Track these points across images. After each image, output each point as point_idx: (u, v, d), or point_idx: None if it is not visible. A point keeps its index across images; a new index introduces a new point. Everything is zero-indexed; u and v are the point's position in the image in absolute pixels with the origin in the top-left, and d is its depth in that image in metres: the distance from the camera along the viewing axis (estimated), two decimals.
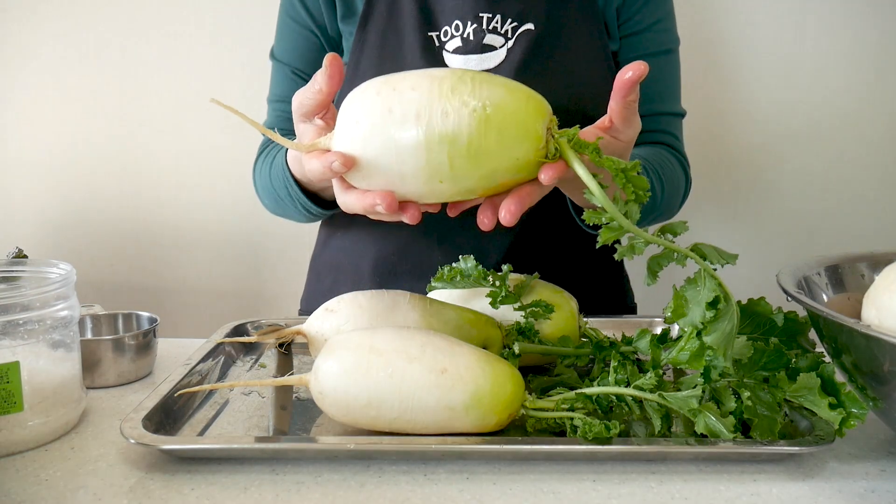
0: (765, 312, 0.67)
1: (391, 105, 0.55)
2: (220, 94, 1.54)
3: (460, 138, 0.54)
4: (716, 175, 1.50)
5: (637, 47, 1.00)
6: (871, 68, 1.46)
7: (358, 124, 0.56)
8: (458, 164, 0.55)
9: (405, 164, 0.55)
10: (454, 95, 0.54)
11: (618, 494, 0.56)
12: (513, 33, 0.94)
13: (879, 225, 1.51)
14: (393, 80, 0.56)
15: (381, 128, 0.55)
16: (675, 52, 1.03)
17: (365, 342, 0.61)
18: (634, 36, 0.99)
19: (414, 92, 0.54)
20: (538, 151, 0.56)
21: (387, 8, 0.96)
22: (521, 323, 0.74)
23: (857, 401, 0.59)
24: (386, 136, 0.55)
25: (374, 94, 0.56)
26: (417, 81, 0.55)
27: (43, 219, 1.61)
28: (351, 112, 0.57)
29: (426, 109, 0.54)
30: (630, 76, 0.60)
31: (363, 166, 0.57)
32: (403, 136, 0.54)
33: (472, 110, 0.54)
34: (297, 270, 1.57)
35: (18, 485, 0.57)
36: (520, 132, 0.55)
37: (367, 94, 0.57)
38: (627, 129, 0.65)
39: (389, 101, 0.55)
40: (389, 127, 0.55)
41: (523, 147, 0.55)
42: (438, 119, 0.54)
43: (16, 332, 0.62)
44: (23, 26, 1.54)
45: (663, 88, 1.02)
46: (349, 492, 0.56)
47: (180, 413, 0.67)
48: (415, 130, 0.54)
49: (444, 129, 0.54)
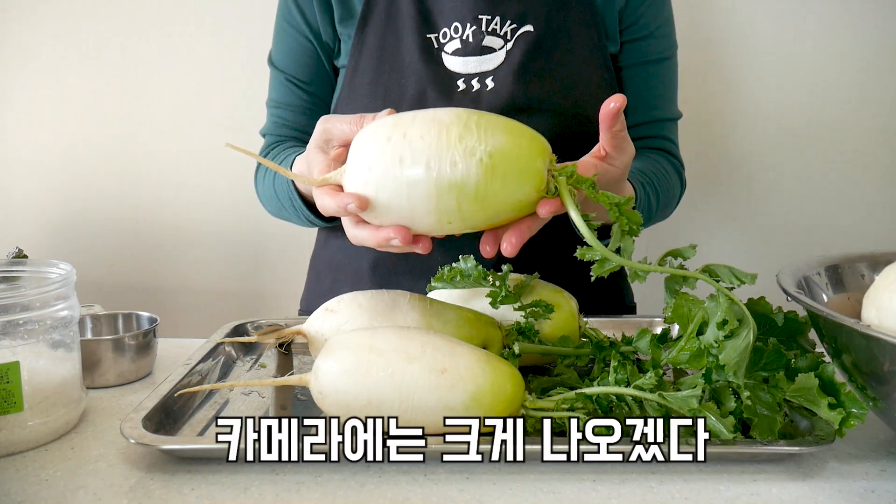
0: (765, 312, 0.67)
1: (402, 154, 0.58)
2: (220, 94, 1.54)
3: (468, 186, 0.58)
4: (716, 175, 1.50)
5: (639, 54, 1.00)
6: (871, 68, 1.46)
7: (370, 171, 0.59)
8: (465, 206, 0.59)
9: (416, 207, 0.59)
10: (461, 144, 0.57)
11: (618, 494, 0.56)
12: (512, 35, 0.94)
13: (879, 225, 1.51)
14: (402, 125, 0.59)
15: (393, 175, 0.58)
16: (674, 56, 1.05)
17: (365, 342, 0.61)
18: (636, 42, 1.00)
19: (423, 141, 0.58)
20: (539, 191, 0.60)
21: (385, 10, 0.96)
22: (521, 323, 0.74)
23: (857, 401, 0.59)
24: (398, 183, 0.58)
25: (384, 142, 0.59)
26: (426, 129, 0.58)
27: (43, 219, 1.61)
28: (363, 158, 0.60)
29: (436, 159, 0.57)
30: (613, 107, 0.63)
31: (375, 207, 0.60)
32: (415, 183, 0.58)
33: (478, 160, 0.57)
34: (296, 270, 1.57)
35: (18, 485, 0.57)
36: (523, 176, 0.59)
37: (378, 140, 0.59)
38: (621, 155, 0.68)
39: (400, 150, 0.58)
40: (401, 175, 0.58)
41: (526, 189, 0.60)
42: (447, 168, 0.57)
43: (16, 332, 0.62)
44: (23, 26, 1.54)
45: (663, 94, 1.04)
46: (349, 492, 0.56)
47: (180, 413, 0.67)
48: (425, 179, 0.58)
49: (454, 177, 0.57)
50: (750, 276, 0.60)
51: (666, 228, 1.08)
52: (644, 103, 1.02)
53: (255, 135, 1.08)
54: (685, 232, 1.52)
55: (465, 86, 0.93)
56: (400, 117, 0.60)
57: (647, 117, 1.02)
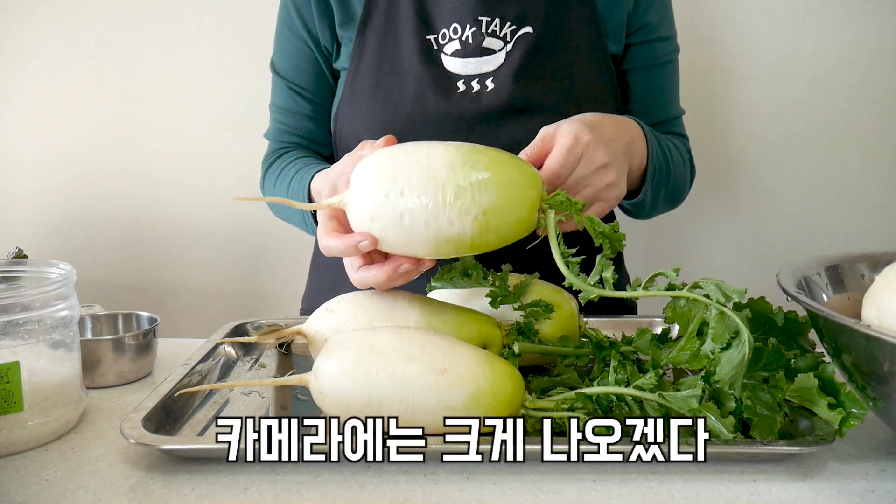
0: (765, 312, 0.67)
1: (402, 213, 0.62)
2: (220, 94, 1.54)
3: (464, 239, 0.63)
4: (716, 175, 1.50)
5: (647, 57, 1.01)
6: (871, 68, 1.46)
7: (373, 222, 0.64)
8: (463, 251, 0.65)
9: (418, 252, 0.65)
10: (456, 203, 0.62)
11: (618, 494, 0.56)
12: (511, 36, 0.94)
13: (879, 225, 1.51)
14: (400, 179, 0.63)
15: (395, 228, 0.63)
16: (677, 57, 1.06)
17: (365, 342, 0.61)
18: (644, 45, 1.01)
19: (419, 200, 0.62)
20: (530, 230, 0.66)
21: (385, 12, 0.96)
22: (521, 323, 0.74)
23: (857, 401, 0.59)
24: (399, 234, 0.63)
25: (383, 198, 0.63)
26: (422, 187, 0.62)
27: (43, 219, 1.61)
28: (364, 210, 0.64)
29: (434, 219, 0.62)
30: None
31: (380, 246, 0.66)
32: (415, 236, 0.63)
33: (473, 218, 0.62)
34: (296, 270, 1.57)
35: (18, 485, 0.57)
36: (515, 226, 0.64)
37: (377, 195, 0.63)
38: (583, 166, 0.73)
39: (400, 209, 0.62)
40: (402, 230, 0.63)
41: (517, 232, 0.65)
42: (445, 226, 0.62)
43: (16, 332, 0.62)
44: (23, 26, 1.54)
45: (671, 95, 1.05)
46: (349, 492, 0.56)
47: (180, 413, 0.67)
48: (424, 235, 0.63)
49: (451, 233, 0.63)
50: (738, 293, 0.60)
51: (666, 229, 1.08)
52: (652, 105, 1.03)
53: (255, 135, 1.09)
54: (685, 232, 1.52)
55: (464, 87, 0.93)
56: (396, 164, 0.63)
57: (656, 118, 1.03)
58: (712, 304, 0.61)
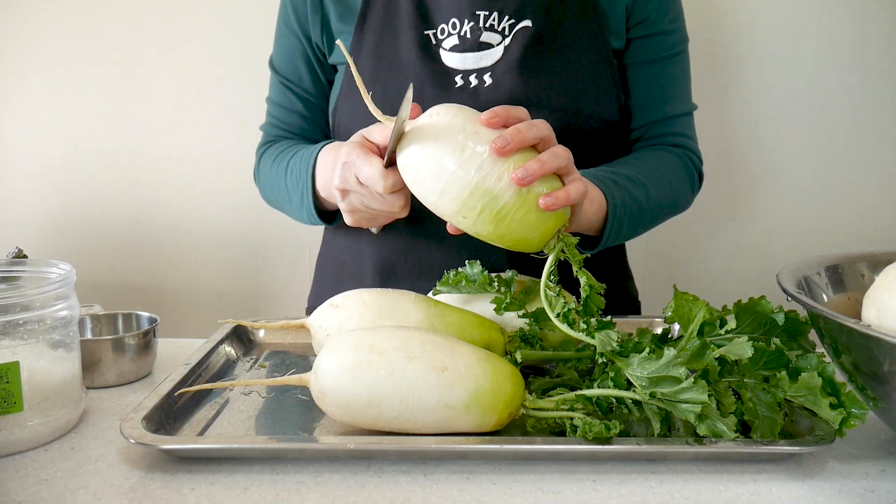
0: (765, 311, 0.67)
1: (465, 145, 0.65)
2: (220, 94, 1.54)
3: (496, 203, 0.65)
4: (716, 175, 1.50)
5: (648, 51, 0.99)
6: (872, 68, 1.46)
7: (436, 142, 0.66)
8: (484, 215, 0.65)
9: (448, 190, 0.65)
10: (514, 163, 0.65)
11: (618, 494, 0.56)
12: (510, 30, 0.94)
13: (879, 225, 1.50)
14: (478, 125, 0.66)
15: (447, 158, 0.65)
16: (685, 51, 1.03)
17: (365, 341, 0.61)
18: (645, 39, 0.99)
19: (487, 147, 0.65)
20: (542, 242, 0.68)
21: (384, 7, 0.96)
22: (526, 330, 0.74)
23: (857, 401, 0.59)
24: (446, 167, 0.65)
25: (460, 127, 0.66)
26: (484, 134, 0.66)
27: (43, 219, 1.61)
28: (430, 131, 0.67)
29: (488, 166, 0.64)
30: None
31: (419, 172, 0.67)
32: (460, 174, 0.65)
33: (518, 189, 0.65)
34: (297, 270, 1.57)
35: (18, 485, 0.57)
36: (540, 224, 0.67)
37: (454, 126, 0.66)
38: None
39: (465, 143, 0.65)
40: (455, 160, 0.65)
41: (535, 234, 0.67)
42: (492, 180, 0.64)
43: (16, 332, 0.62)
44: (23, 26, 1.54)
45: (675, 90, 1.02)
46: (349, 492, 0.56)
47: (180, 413, 0.67)
48: (469, 177, 0.64)
49: (493, 188, 0.64)
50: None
51: (666, 229, 1.08)
52: (655, 101, 1.00)
53: (255, 134, 1.09)
54: (685, 232, 1.52)
55: (462, 82, 0.93)
56: (475, 115, 0.68)
57: (659, 115, 1.01)
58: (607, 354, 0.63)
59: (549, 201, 0.66)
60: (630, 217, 0.88)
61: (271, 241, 1.59)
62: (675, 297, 0.69)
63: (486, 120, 0.67)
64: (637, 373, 0.61)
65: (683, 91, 1.04)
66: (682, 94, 1.04)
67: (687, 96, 1.05)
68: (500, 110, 0.67)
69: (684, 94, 1.04)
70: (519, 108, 0.70)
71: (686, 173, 1.01)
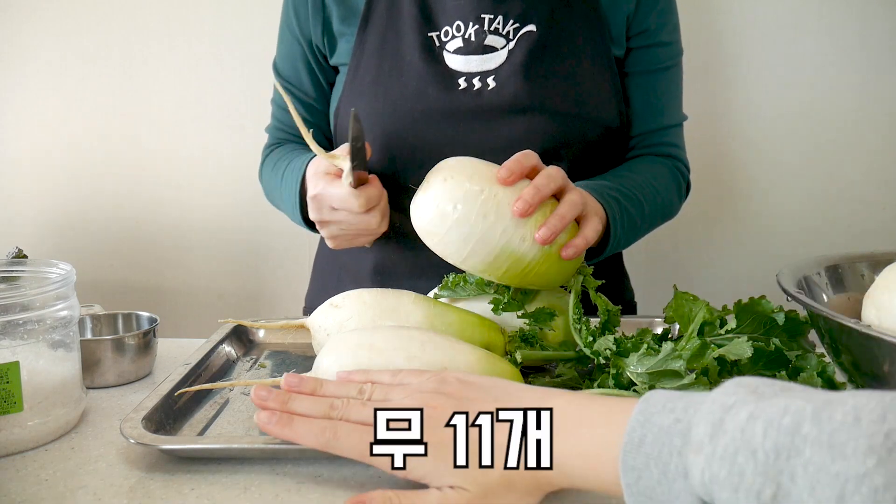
0: (765, 311, 0.67)
1: (486, 212, 0.67)
2: (220, 94, 1.54)
3: (523, 261, 0.69)
4: (716, 175, 1.50)
5: (647, 62, 1.00)
6: (872, 68, 1.46)
7: (455, 207, 0.67)
8: (509, 273, 0.70)
9: (475, 253, 0.68)
10: (535, 224, 0.68)
11: None
12: (514, 34, 0.94)
13: (879, 225, 1.50)
14: (494, 185, 0.68)
15: (472, 223, 0.68)
16: (680, 63, 1.05)
17: (365, 341, 0.61)
18: (645, 49, 0.99)
19: (508, 210, 0.67)
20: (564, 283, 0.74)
21: (387, 8, 0.96)
22: (526, 330, 0.74)
23: None
24: (471, 230, 0.67)
25: (477, 192, 0.67)
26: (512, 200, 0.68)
27: (43, 219, 1.61)
28: (451, 195, 0.68)
29: (513, 229, 0.67)
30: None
31: (438, 236, 0.69)
32: (486, 238, 0.67)
33: (543, 247, 0.69)
34: (297, 270, 1.57)
35: (18, 485, 0.57)
36: (560, 277, 0.73)
37: (472, 190, 0.67)
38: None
39: (486, 209, 0.67)
40: (478, 227, 0.67)
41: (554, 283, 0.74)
42: (516, 240, 0.68)
43: (16, 332, 0.62)
44: (23, 26, 1.54)
45: (669, 102, 1.04)
46: (349, 492, 0.56)
47: (180, 413, 0.67)
48: (495, 239, 0.67)
49: (518, 250, 0.68)
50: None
51: (666, 228, 1.08)
52: (651, 111, 1.01)
53: (255, 134, 1.09)
54: (685, 232, 1.52)
55: (465, 84, 0.93)
56: (488, 171, 0.69)
57: (654, 125, 1.02)
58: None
59: (570, 252, 0.70)
60: (626, 233, 0.89)
61: (271, 240, 1.59)
62: (675, 296, 0.69)
63: (503, 180, 0.68)
64: (637, 369, 0.61)
65: (677, 102, 1.06)
66: (676, 105, 1.05)
67: (680, 107, 1.06)
68: (514, 166, 0.69)
69: (678, 105, 1.06)
70: (530, 154, 0.71)
71: (675, 185, 1.02)
